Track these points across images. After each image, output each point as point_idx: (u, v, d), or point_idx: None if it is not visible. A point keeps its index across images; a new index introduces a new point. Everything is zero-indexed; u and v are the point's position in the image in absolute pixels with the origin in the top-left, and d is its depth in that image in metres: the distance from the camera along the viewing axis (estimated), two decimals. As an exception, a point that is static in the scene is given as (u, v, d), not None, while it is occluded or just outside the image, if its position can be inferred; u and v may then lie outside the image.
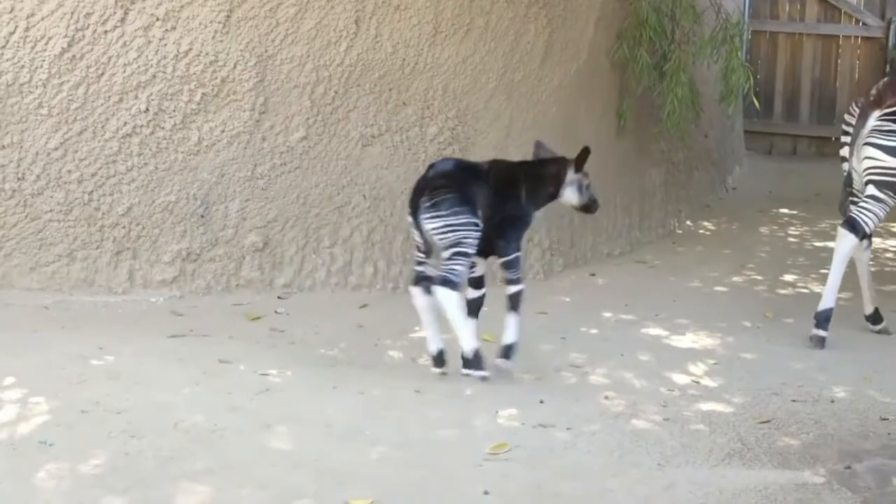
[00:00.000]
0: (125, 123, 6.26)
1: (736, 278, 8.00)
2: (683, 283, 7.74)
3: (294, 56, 6.57)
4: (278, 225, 6.66)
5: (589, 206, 5.57)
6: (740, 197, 11.14)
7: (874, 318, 6.63)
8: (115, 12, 6.16)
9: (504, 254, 5.35)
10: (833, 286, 6.19)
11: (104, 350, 5.44)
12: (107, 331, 5.81)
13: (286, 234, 6.68)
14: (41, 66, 6.10)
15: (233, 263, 6.56)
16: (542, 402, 5.10)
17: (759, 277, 8.05)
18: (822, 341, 6.19)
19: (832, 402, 5.29)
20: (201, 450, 4.36)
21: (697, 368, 5.80)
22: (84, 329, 5.84)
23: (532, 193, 5.41)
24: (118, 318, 6.10)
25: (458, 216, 5.12)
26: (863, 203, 6.17)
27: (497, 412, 4.93)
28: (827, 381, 5.61)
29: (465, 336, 5.20)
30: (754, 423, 4.94)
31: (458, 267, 5.14)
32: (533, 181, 5.42)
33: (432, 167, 5.31)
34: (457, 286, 5.14)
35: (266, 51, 6.49)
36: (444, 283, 5.12)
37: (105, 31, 6.16)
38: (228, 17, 6.36)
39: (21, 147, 6.16)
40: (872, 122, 6.13)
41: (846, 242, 6.16)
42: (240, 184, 6.55)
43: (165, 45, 6.27)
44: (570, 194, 5.46)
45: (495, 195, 5.27)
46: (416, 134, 7.03)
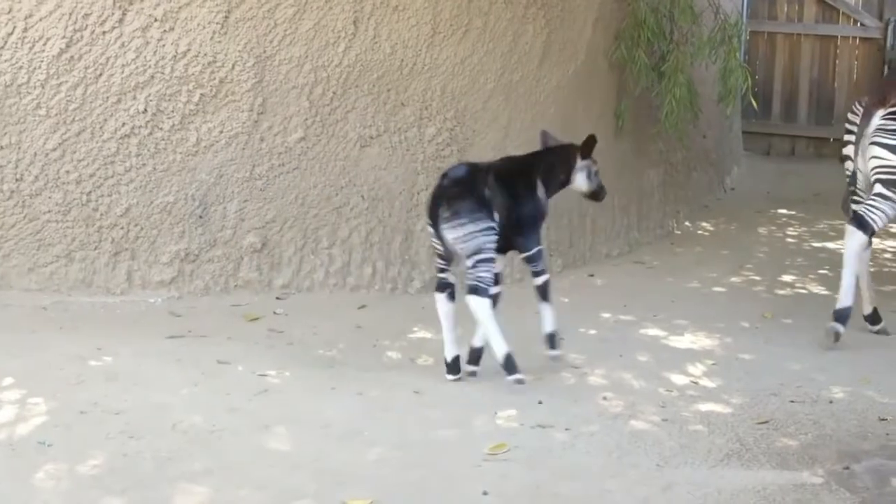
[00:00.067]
0: (123, 124, 6.26)
1: (734, 279, 8.00)
2: (682, 284, 7.74)
3: (292, 57, 6.57)
4: (277, 226, 6.66)
5: (597, 193, 5.67)
6: (739, 197, 11.13)
7: (873, 319, 6.63)
8: (113, 13, 6.16)
9: (525, 249, 5.41)
10: (848, 285, 6.22)
11: (102, 351, 5.44)
12: (105, 331, 5.80)
13: (284, 234, 6.68)
14: (39, 66, 6.09)
15: (231, 264, 6.56)
16: (540, 402, 5.11)
17: (757, 278, 8.05)
18: (838, 336, 6.19)
19: (830, 402, 5.29)
20: (200, 450, 4.36)
21: (696, 369, 5.80)
22: (82, 330, 5.83)
23: (546, 182, 5.47)
24: (116, 319, 6.10)
25: (478, 222, 5.16)
26: (871, 201, 6.19)
27: (496, 413, 4.94)
28: (825, 381, 5.61)
29: (497, 342, 5.22)
30: (753, 423, 4.94)
31: (485, 273, 5.18)
32: (546, 170, 5.49)
33: (446, 175, 5.32)
34: (487, 293, 5.18)
35: (264, 51, 6.49)
36: (474, 291, 5.17)
37: (103, 32, 6.16)
38: (227, 17, 6.36)
39: (19, 148, 6.15)
40: (877, 121, 6.16)
41: (855, 240, 6.19)
42: (238, 184, 6.55)
43: (164, 45, 6.26)
44: (580, 180, 5.55)
45: (510, 192, 5.31)
46: (414, 134, 7.03)
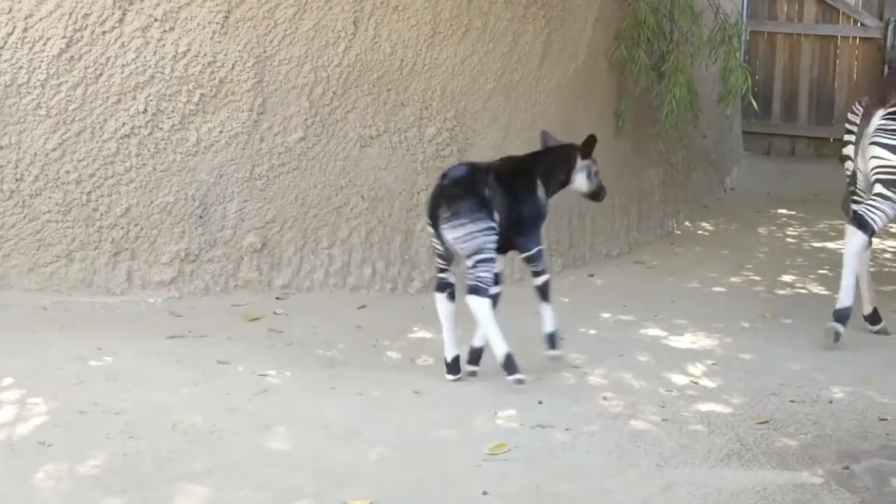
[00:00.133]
0: (123, 124, 6.26)
1: (734, 279, 7.99)
2: (682, 284, 7.74)
3: (292, 57, 6.57)
4: (276, 226, 6.65)
5: (597, 193, 5.66)
6: (739, 197, 11.13)
7: (873, 319, 6.63)
8: (113, 13, 6.16)
9: (526, 249, 5.41)
10: (848, 284, 6.22)
11: (102, 351, 5.44)
12: (105, 331, 5.80)
13: (284, 234, 6.68)
14: (39, 66, 6.09)
15: (231, 264, 6.56)
16: (540, 402, 5.11)
17: (757, 278, 8.05)
18: (838, 336, 6.19)
19: (830, 402, 5.29)
20: (200, 451, 4.36)
21: (696, 369, 5.80)
22: (82, 330, 5.84)
23: (546, 183, 5.47)
24: (116, 319, 6.10)
25: (478, 222, 5.16)
26: (871, 201, 6.19)
27: (496, 413, 4.94)
28: (825, 381, 5.61)
29: (497, 342, 5.21)
30: (753, 423, 4.94)
31: (485, 274, 5.17)
32: (546, 170, 5.49)
33: (445, 175, 5.30)
34: (487, 293, 5.17)
35: (264, 51, 6.49)
36: (474, 291, 5.17)
37: (103, 32, 6.16)
38: (227, 17, 6.36)
39: (19, 148, 6.15)
40: (877, 121, 6.16)
41: (855, 240, 6.19)
42: (238, 184, 6.55)
43: (164, 45, 6.26)
44: (580, 180, 5.56)
45: (510, 193, 5.30)
46: (414, 135, 7.03)
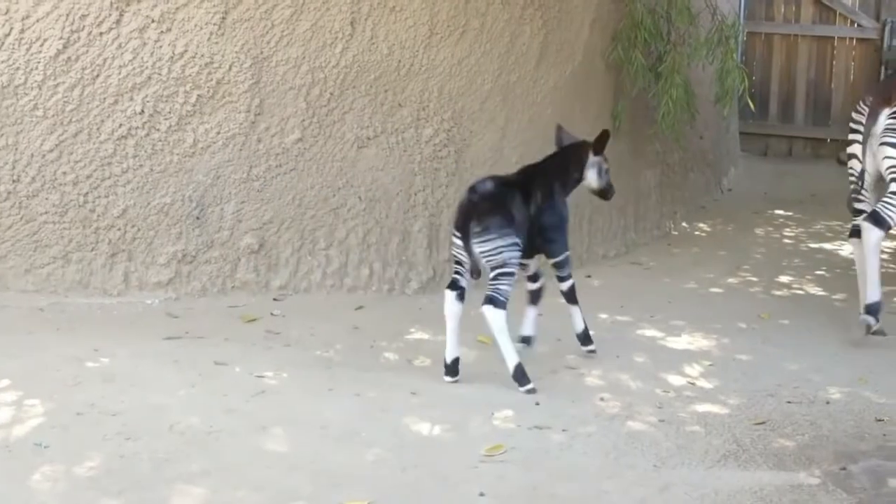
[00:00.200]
0: (120, 125, 6.26)
1: (731, 280, 8.00)
2: (679, 285, 7.75)
3: (289, 58, 6.57)
4: (274, 227, 6.65)
5: (606, 191, 5.76)
6: (736, 198, 11.14)
7: (869, 320, 6.63)
8: (110, 14, 6.15)
9: (554, 255, 5.56)
10: (873, 280, 6.26)
11: (99, 352, 5.44)
12: (102, 333, 5.80)
13: (282, 235, 6.68)
14: (36, 67, 6.09)
15: (228, 265, 6.56)
16: (537, 403, 5.11)
17: (754, 279, 8.05)
18: (870, 328, 6.25)
19: (827, 403, 5.29)
20: (197, 452, 4.36)
21: (693, 370, 5.80)
22: (79, 331, 5.83)
23: (563, 185, 5.59)
24: (113, 320, 6.09)
25: (505, 238, 5.23)
26: (887, 198, 6.22)
27: (493, 414, 4.94)
28: (822, 382, 5.62)
29: (509, 353, 5.25)
30: (750, 424, 4.95)
31: (504, 287, 5.22)
32: (562, 172, 5.60)
33: (474, 190, 5.35)
34: (504, 305, 5.21)
35: (261, 52, 6.49)
36: (491, 301, 5.21)
37: (100, 33, 6.15)
38: (224, 18, 6.35)
39: (16, 149, 6.15)
40: (884, 120, 6.20)
41: (872, 235, 6.22)
42: (235, 186, 6.55)
43: (161, 46, 6.26)
44: (591, 176, 5.66)
45: (532, 204, 5.40)
46: (411, 135, 7.03)
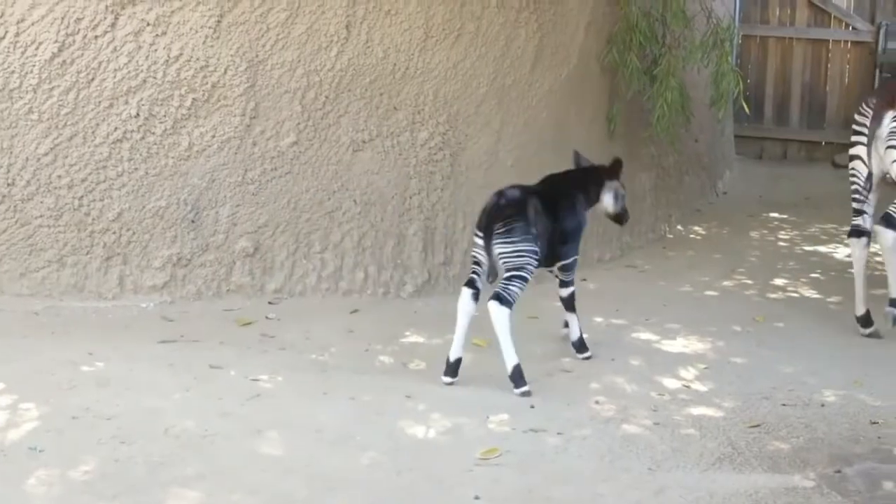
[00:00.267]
0: (115, 129, 6.26)
1: (726, 283, 8.00)
2: (674, 288, 7.74)
3: (285, 61, 6.57)
4: (269, 230, 6.65)
5: (621, 216, 5.95)
6: (731, 201, 11.14)
7: (865, 321, 6.63)
8: (105, 17, 6.15)
9: (564, 257, 5.68)
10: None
11: (94, 356, 5.43)
12: (97, 336, 5.79)
13: (277, 239, 6.68)
14: (31, 71, 6.09)
15: (223, 269, 6.55)
16: (532, 406, 5.11)
17: (749, 282, 8.05)
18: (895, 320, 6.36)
19: (822, 406, 5.30)
20: (192, 455, 4.36)
21: (688, 373, 5.80)
22: (74, 335, 5.82)
23: (585, 199, 5.76)
24: (108, 324, 6.09)
25: (526, 243, 5.34)
26: None
27: (488, 417, 4.94)
28: (817, 384, 5.62)
29: (509, 353, 5.28)
30: (745, 427, 4.95)
31: (515, 288, 5.28)
32: (583, 187, 5.77)
33: (502, 195, 5.44)
34: (510, 305, 5.25)
35: (257, 56, 6.49)
36: (498, 298, 5.26)
37: (95, 37, 6.16)
38: (219, 22, 6.35)
39: (11, 152, 6.15)
40: (888, 123, 6.21)
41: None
42: (230, 189, 6.54)
43: (156, 50, 6.26)
44: (607, 200, 5.84)
45: (553, 214, 5.51)
46: (406, 139, 7.03)
